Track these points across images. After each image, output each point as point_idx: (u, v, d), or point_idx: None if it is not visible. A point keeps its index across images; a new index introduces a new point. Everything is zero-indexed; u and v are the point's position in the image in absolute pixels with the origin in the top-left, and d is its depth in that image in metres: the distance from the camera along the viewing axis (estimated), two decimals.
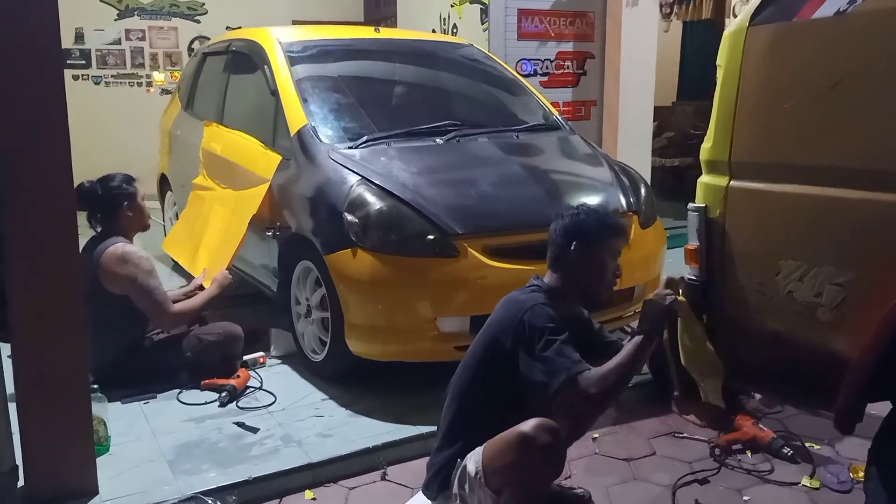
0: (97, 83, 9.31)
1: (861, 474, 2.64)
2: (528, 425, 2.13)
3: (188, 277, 4.45)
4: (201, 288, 3.84)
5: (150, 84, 9.63)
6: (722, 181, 2.50)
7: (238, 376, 3.55)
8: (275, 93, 4.11)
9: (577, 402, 2.21)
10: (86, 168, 3.65)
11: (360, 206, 3.39)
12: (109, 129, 8.73)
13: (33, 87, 2.41)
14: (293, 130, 3.86)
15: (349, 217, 3.38)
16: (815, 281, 2.21)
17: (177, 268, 5.02)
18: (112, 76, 9.42)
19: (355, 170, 3.55)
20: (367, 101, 4.22)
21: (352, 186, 3.45)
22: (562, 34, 6.11)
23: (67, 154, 2.49)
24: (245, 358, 3.79)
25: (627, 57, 6.14)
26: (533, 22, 5.96)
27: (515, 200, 3.52)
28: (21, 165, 2.42)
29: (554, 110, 4.59)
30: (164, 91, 9.56)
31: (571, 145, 4.20)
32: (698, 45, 8.98)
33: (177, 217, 5.54)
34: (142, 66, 9.60)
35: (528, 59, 5.98)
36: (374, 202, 3.38)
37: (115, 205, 3.59)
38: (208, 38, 9.56)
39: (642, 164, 5.84)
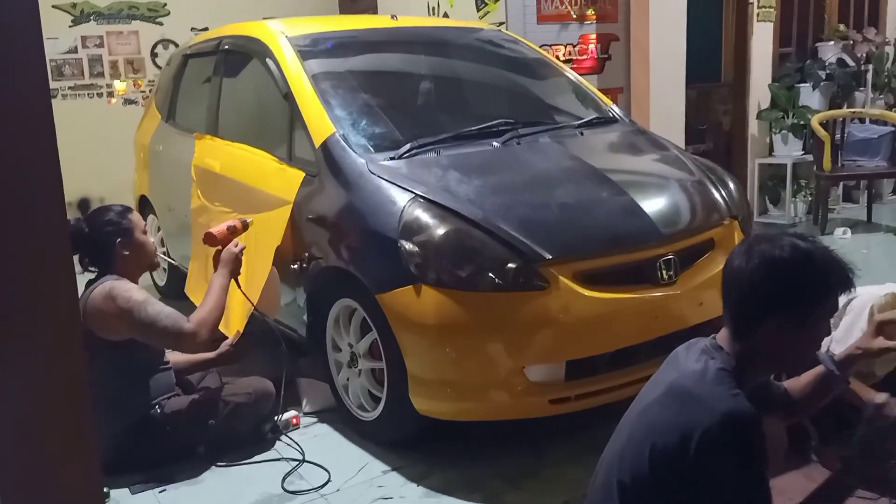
0: (53, 96, 8.48)
1: None
2: None
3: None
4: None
5: (111, 94, 8.83)
6: None
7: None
8: (288, 96, 3.42)
9: None
10: None
11: (418, 231, 2.73)
12: (70, 146, 7.78)
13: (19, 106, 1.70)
14: (318, 141, 3.18)
15: (406, 246, 2.71)
16: None
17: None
18: (69, 88, 8.58)
19: (405, 186, 2.88)
20: (398, 100, 3.56)
21: (405, 207, 2.79)
22: (583, 15, 5.49)
23: (59, 186, 1.79)
24: (275, 418, 3.12)
25: (657, 37, 5.55)
26: (553, 3, 5.33)
27: (605, 213, 2.89)
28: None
29: (608, 100, 3.96)
30: (128, 101, 8.79)
31: (643, 141, 3.58)
32: (703, 24, 8.43)
33: (161, 244, 4.83)
34: (101, 75, 8.76)
35: (549, 45, 5.34)
36: (436, 225, 2.72)
37: (106, 244, 2.89)
38: (172, 42, 8.83)
39: None
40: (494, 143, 3.21)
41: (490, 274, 2.65)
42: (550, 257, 2.66)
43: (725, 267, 1.73)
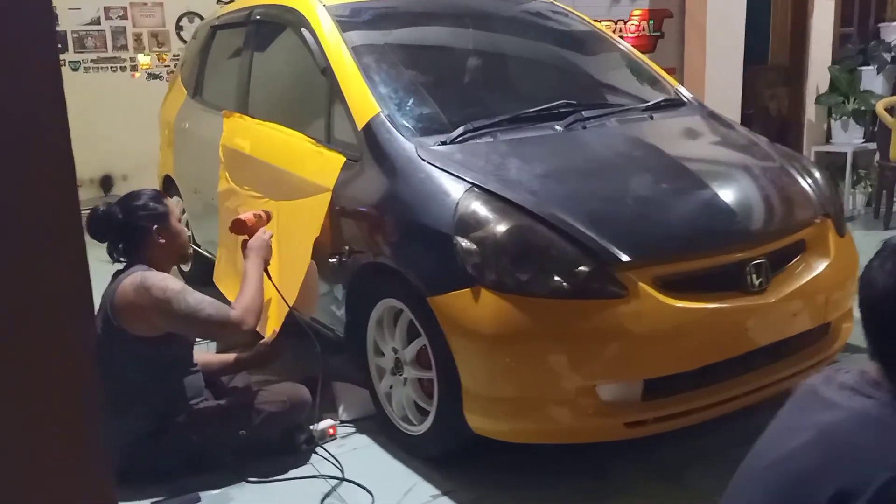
0: (75, 69, 8.21)
1: None
2: None
3: None
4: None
5: (134, 68, 8.56)
6: None
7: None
8: (326, 71, 3.10)
9: None
10: None
11: (475, 227, 2.41)
12: (92, 121, 7.67)
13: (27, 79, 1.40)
14: (361, 122, 2.86)
15: (463, 243, 2.39)
16: None
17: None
18: (92, 61, 8.33)
19: (460, 174, 2.56)
20: (447, 78, 3.23)
21: (460, 199, 2.47)
22: None
23: (70, 165, 1.48)
24: (310, 427, 2.83)
25: (714, 14, 5.16)
26: None
27: (688, 209, 2.56)
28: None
29: (673, 81, 3.60)
30: (152, 76, 8.53)
31: (718, 127, 3.22)
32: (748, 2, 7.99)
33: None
34: (125, 48, 8.50)
35: (598, 21, 4.97)
36: (497, 220, 2.40)
37: (141, 231, 2.61)
38: (198, 14, 8.53)
39: None
40: (557, 127, 2.87)
41: (558, 278, 2.33)
42: (628, 260, 2.33)
43: (865, 288, 1.39)
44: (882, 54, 6.20)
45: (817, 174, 2.98)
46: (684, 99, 3.44)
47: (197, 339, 2.84)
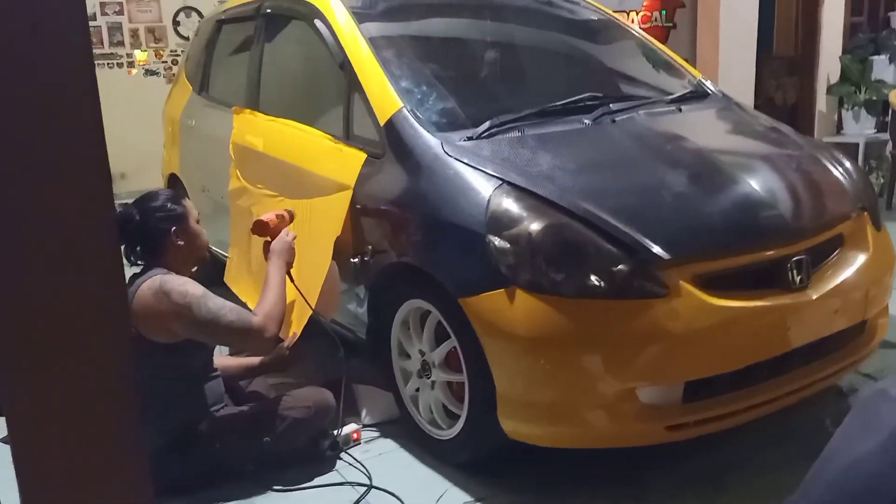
0: None
1: None
2: None
3: None
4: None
5: (131, 65, 8.46)
6: None
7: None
8: (344, 65, 3.00)
9: None
10: None
11: (509, 225, 2.32)
12: None
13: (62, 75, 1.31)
14: (382, 118, 2.77)
15: (496, 242, 2.31)
16: None
17: None
18: None
19: (489, 170, 2.47)
20: (467, 71, 3.14)
21: (492, 196, 2.38)
22: None
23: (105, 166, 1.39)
24: (334, 433, 2.75)
25: (727, 3, 5.07)
26: None
27: (728, 204, 2.47)
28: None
29: (696, 72, 3.52)
30: (149, 72, 8.44)
31: (747, 119, 3.14)
32: None
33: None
34: (121, 44, 8.40)
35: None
36: (531, 217, 2.31)
37: (159, 233, 2.52)
38: (195, 10, 8.42)
39: None
40: (585, 121, 2.78)
41: (596, 277, 2.24)
42: (669, 257, 2.25)
43: None
44: (894, 43, 6.13)
45: (851, 166, 2.91)
46: (708, 90, 3.36)
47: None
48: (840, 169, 2.82)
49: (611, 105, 2.88)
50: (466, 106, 2.85)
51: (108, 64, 8.33)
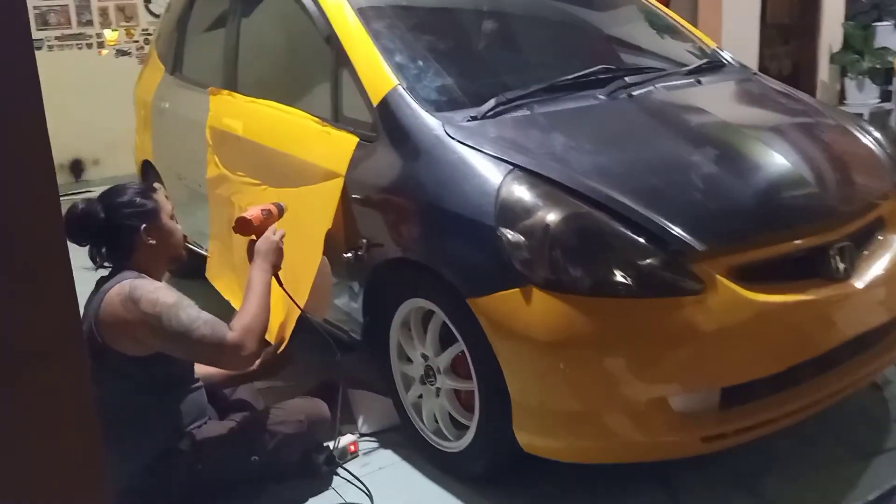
0: (38, 48, 7.72)
1: None
2: None
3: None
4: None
5: (101, 45, 8.09)
6: None
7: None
8: (330, 39, 2.72)
9: None
10: None
11: (523, 216, 2.07)
12: (58, 103, 7.20)
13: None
14: (376, 97, 2.49)
15: (508, 235, 2.06)
16: None
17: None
18: (55, 38, 7.85)
19: (498, 154, 2.21)
20: (467, 43, 2.86)
21: (502, 183, 2.13)
22: None
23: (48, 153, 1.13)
24: (329, 445, 2.50)
25: None
26: None
27: (764, 186, 2.23)
28: None
29: (710, 41, 3.26)
30: (120, 52, 8.08)
31: (771, 91, 2.89)
32: None
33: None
34: (90, 23, 8.03)
35: None
36: (547, 206, 2.06)
37: (128, 231, 2.24)
38: None
39: None
40: (600, 96, 2.52)
41: (622, 273, 2.00)
42: (705, 248, 2.01)
43: None
44: None
45: (883, 139, 2.67)
46: (724, 60, 3.11)
47: None
48: (876, 144, 2.59)
49: (626, 78, 2.62)
50: (468, 82, 2.59)
51: (77, 45, 7.97)
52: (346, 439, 2.55)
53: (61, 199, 1.10)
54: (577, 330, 2.00)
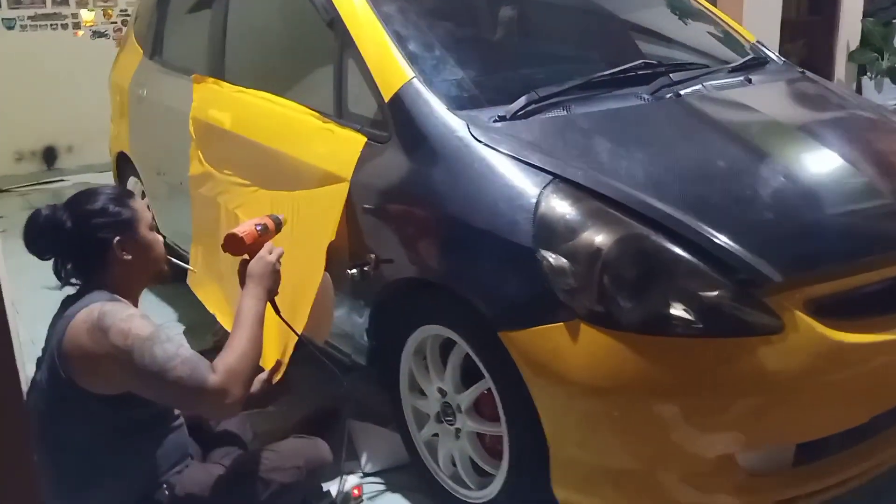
0: (10, 27, 7.35)
1: None
2: None
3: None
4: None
5: (77, 25, 7.70)
6: None
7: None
8: (334, 24, 2.38)
9: None
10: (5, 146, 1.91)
11: (567, 236, 1.75)
12: (31, 86, 6.95)
13: None
14: (388, 92, 2.16)
15: (551, 259, 1.74)
16: None
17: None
18: (29, 17, 7.46)
19: (535, 162, 1.89)
20: (490, 32, 2.53)
21: (541, 196, 1.81)
22: None
23: None
24: (329, 489, 2.19)
25: None
26: None
27: (846, 206, 1.93)
28: None
29: (750, 35, 2.96)
30: (97, 34, 7.69)
31: (826, 92, 2.59)
32: None
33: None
34: (65, 2, 7.64)
35: None
36: (597, 226, 1.75)
37: (99, 244, 1.89)
38: None
39: None
40: (644, 96, 2.21)
41: (685, 307, 1.69)
42: (782, 279, 1.70)
43: None
44: None
45: None
46: (767, 56, 2.80)
47: None
48: None
49: (669, 74, 2.31)
50: (493, 76, 2.27)
51: (51, 25, 7.59)
52: (349, 482, 2.23)
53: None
54: (631, 372, 1.69)
